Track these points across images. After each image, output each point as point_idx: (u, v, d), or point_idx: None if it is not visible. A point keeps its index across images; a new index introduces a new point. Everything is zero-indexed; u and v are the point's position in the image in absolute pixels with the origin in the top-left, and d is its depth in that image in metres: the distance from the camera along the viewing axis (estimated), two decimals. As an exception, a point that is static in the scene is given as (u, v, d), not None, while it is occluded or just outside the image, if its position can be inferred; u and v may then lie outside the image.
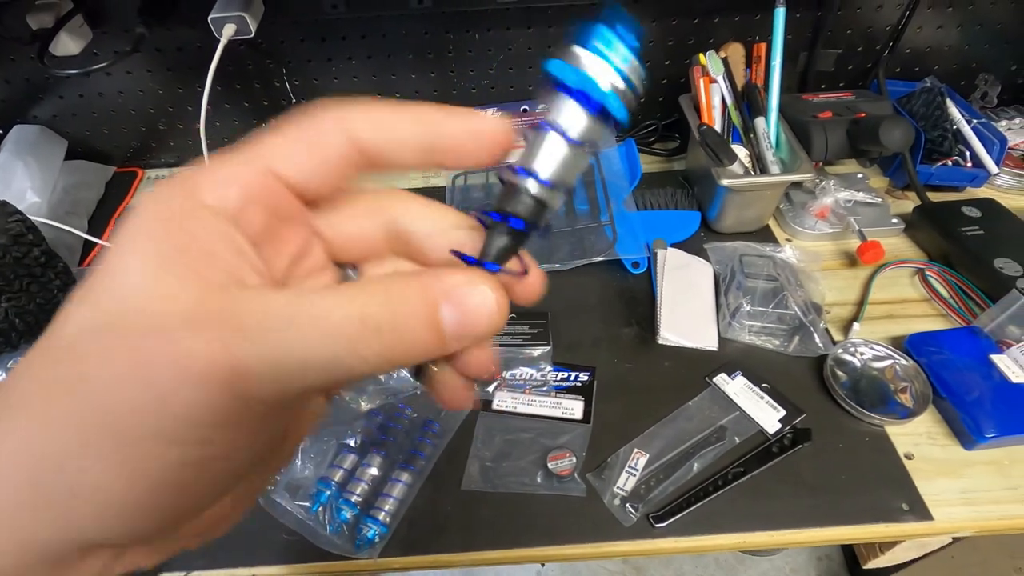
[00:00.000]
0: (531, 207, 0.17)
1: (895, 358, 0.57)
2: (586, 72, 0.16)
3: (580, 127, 0.17)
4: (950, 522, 0.48)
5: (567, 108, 0.17)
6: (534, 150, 0.17)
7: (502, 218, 0.17)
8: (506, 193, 0.18)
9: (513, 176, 0.17)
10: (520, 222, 0.17)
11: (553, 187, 0.17)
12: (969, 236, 0.64)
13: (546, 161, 0.17)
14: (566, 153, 0.17)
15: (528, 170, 0.17)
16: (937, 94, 0.74)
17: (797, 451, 0.52)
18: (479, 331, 0.16)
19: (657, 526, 0.48)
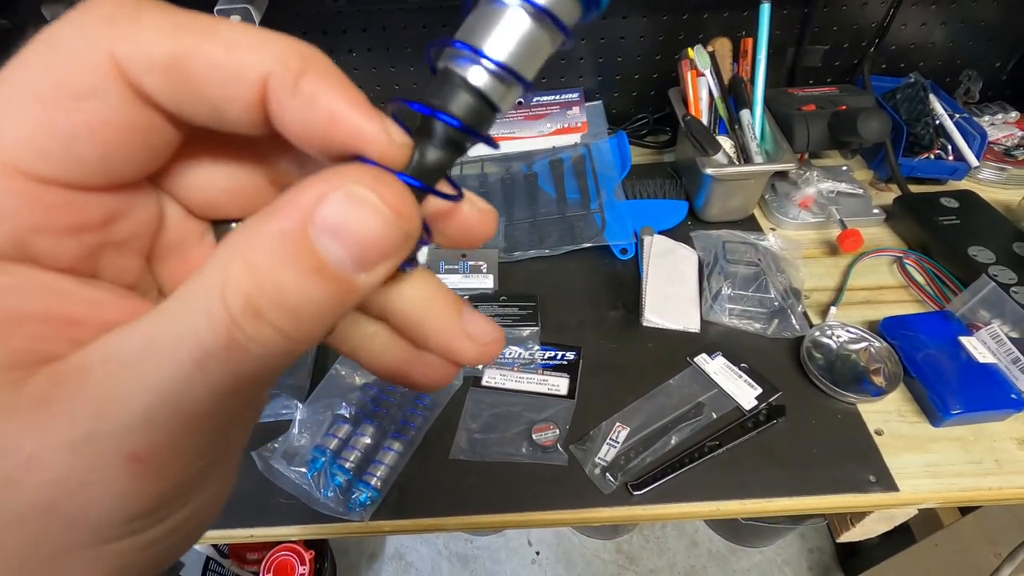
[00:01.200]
0: (471, 103, 0.13)
1: (869, 340, 0.59)
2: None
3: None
4: (915, 494, 0.50)
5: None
6: (482, 23, 0.13)
7: (430, 112, 0.13)
8: (440, 81, 0.13)
9: (451, 56, 0.13)
10: (454, 120, 0.13)
11: (505, 74, 0.13)
12: (946, 225, 0.67)
13: (499, 37, 0.13)
14: (528, 27, 0.13)
15: (473, 47, 0.13)
16: (920, 89, 0.76)
17: (771, 426, 0.54)
18: (380, 242, 0.11)
19: (635, 494, 0.50)
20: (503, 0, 0.13)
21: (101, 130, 0.11)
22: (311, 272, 0.11)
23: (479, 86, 0.13)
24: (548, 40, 0.13)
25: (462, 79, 0.13)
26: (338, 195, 0.11)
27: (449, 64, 0.13)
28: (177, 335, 0.11)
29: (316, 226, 0.11)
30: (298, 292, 0.11)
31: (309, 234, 0.11)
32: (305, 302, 0.11)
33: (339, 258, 0.11)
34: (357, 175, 0.11)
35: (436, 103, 0.13)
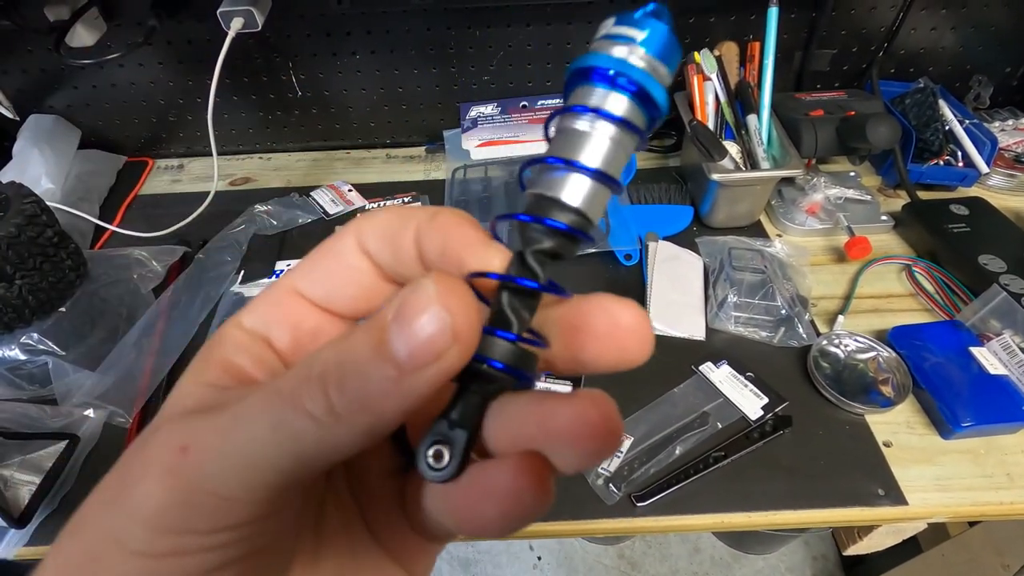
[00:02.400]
0: (576, 209, 0.14)
1: (878, 350, 0.58)
2: (613, 55, 0.14)
3: (622, 106, 0.14)
4: (924, 507, 0.49)
5: (598, 93, 0.14)
6: (570, 138, 0.14)
7: (533, 219, 0.14)
8: (537, 197, 0.14)
9: (545, 170, 0.14)
10: (559, 223, 0.14)
11: (603, 179, 0.14)
12: (955, 233, 0.66)
13: (591, 148, 0.14)
14: (613, 134, 0.14)
15: (567, 159, 0.14)
16: (930, 94, 0.75)
17: (778, 437, 0.53)
18: (431, 343, 0.12)
19: (638, 505, 0.50)
20: (582, 112, 0.14)
21: (354, 278, 0.16)
22: (373, 349, 0.12)
23: (584, 190, 0.14)
24: (630, 143, 0.14)
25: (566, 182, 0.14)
26: (423, 284, 0.12)
27: (545, 173, 0.14)
28: (264, 400, 0.13)
29: (397, 315, 0.12)
30: (359, 365, 0.12)
31: (388, 324, 0.12)
32: (357, 379, 0.12)
33: (397, 344, 0.12)
34: (435, 275, 0.13)
35: (543, 213, 0.14)
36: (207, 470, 0.13)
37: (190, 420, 0.13)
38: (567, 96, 0.15)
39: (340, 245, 0.16)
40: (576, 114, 0.14)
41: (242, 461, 0.13)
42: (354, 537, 0.17)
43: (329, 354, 0.13)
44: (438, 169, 0.86)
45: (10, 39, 0.76)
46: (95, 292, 0.61)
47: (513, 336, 0.14)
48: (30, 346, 0.56)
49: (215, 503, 0.13)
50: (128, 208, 0.83)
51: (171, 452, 0.13)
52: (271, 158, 0.91)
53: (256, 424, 0.13)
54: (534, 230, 0.14)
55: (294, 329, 0.16)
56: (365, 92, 0.85)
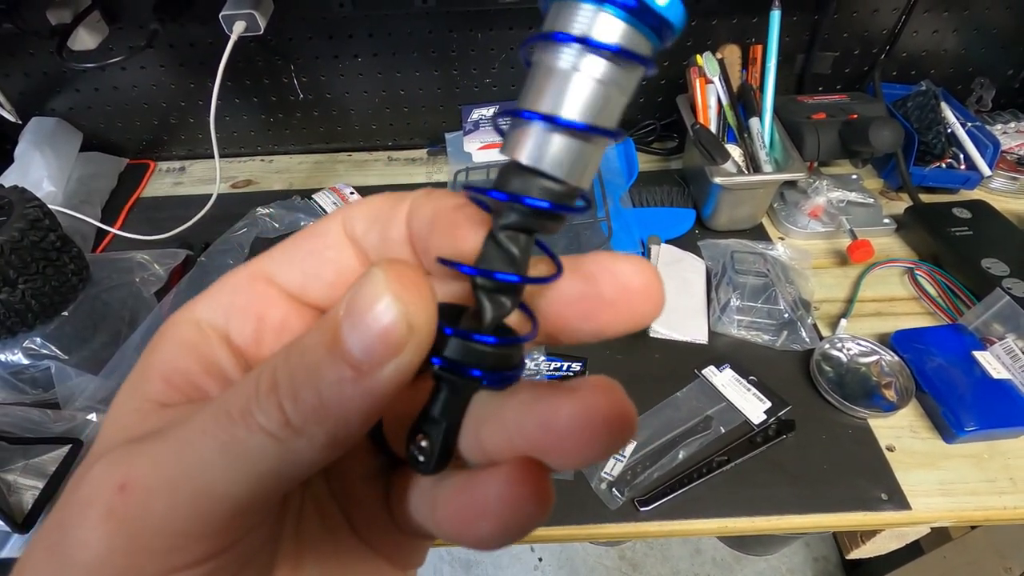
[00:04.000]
0: (557, 179, 0.11)
1: (881, 354, 0.58)
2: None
3: (616, 31, 0.11)
4: (928, 512, 0.49)
5: (584, 11, 0.11)
6: (549, 81, 0.11)
7: (509, 197, 0.12)
8: (512, 164, 0.12)
9: (518, 125, 0.12)
10: (538, 201, 0.11)
11: (593, 133, 0.11)
12: (958, 236, 0.66)
13: (575, 95, 0.11)
14: (605, 73, 0.11)
15: (544, 114, 0.11)
16: (932, 97, 0.75)
17: (781, 441, 0.53)
18: (387, 336, 0.11)
19: (642, 510, 0.50)
20: (563, 40, 0.11)
21: (334, 265, 0.15)
22: (326, 350, 0.11)
23: (557, 151, 0.11)
24: (630, 77, 0.11)
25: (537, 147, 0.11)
26: (373, 273, 0.11)
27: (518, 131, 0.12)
28: (212, 415, 0.12)
29: (348, 310, 0.11)
30: (312, 369, 0.11)
31: (340, 321, 0.11)
32: (312, 385, 0.11)
33: (350, 341, 0.11)
34: (384, 263, 0.11)
35: (517, 188, 0.12)
36: (152, 508, 0.11)
37: (129, 451, 0.12)
38: (547, 11, 0.12)
39: (324, 227, 0.15)
40: (556, 44, 0.11)
41: (191, 493, 0.11)
42: (338, 538, 0.16)
43: (279, 360, 0.12)
44: (440, 171, 0.86)
45: (12, 42, 0.76)
46: (97, 296, 0.61)
47: (484, 338, 0.12)
48: (33, 350, 0.56)
49: (166, 544, 0.11)
50: (130, 211, 0.83)
51: (109, 491, 0.11)
52: (272, 160, 0.91)
53: (203, 449, 0.11)
54: (508, 207, 0.12)
55: (258, 321, 0.14)
56: (367, 94, 0.85)
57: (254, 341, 0.14)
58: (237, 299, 0.14)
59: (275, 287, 0.15)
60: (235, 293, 0.15)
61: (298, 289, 0.15)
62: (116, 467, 0.12)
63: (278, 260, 0.15)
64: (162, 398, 0.13)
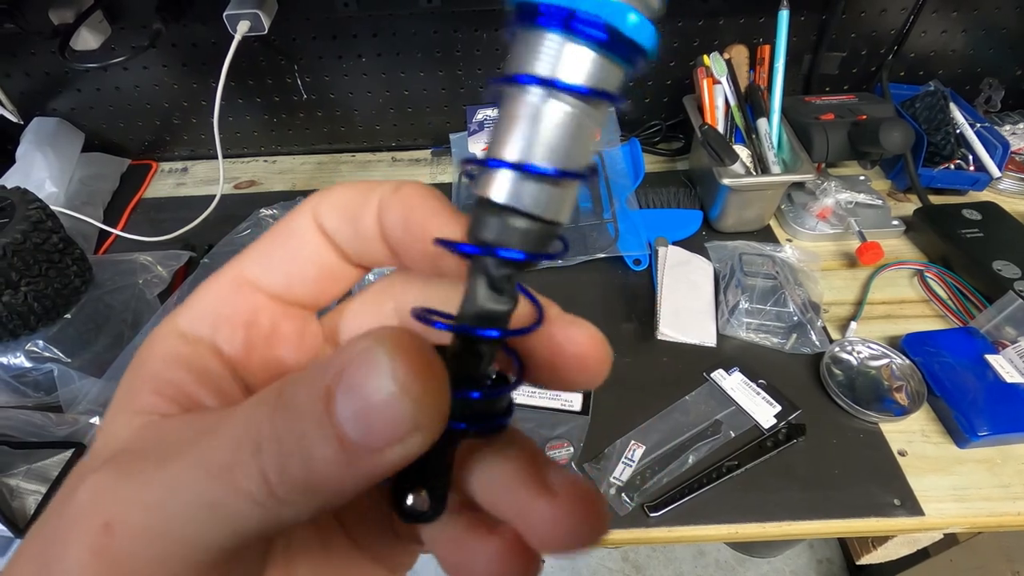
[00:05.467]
0: (519, 226, 0.11)
1: (891, 357, 0.58)
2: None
3: (584, 68, 0.10)
4: (941, 518, 0.48)
5: (549, 47, 0.10)
6: (515, 123, 0.11)
7: (482, 251, 0.11)
8: (479, 208, 0.12)
9: (485, 170, 0.11)
10: (509, 251, 0.11)
11: (560, 177, 0.11)
12: (968, 238, 0.65)
13: (543, 138, 0.11)
14: (573, 113, 0.10)
15: (508, 161, 0.11)
16: (940, 98, 0.74)
17: (791, 446, 0.53)
18: (387, 426, 0.10)
19: (652, 515, 0.49)
20: (528, 83, 0.10)
21: (311, 258, 0.14)
22: (315, 422, 0.10)
23: (521, 204, 0.11)
24: (596, 115, 0.11)
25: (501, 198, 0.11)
26: (375, 351, 0.10)
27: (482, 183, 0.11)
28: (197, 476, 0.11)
29: (343, 381, 0.10)
30: (300, 439, 0.10)
31: (333, 390, 0.10)
32: (299, 459, 0.10)
33: (344, 420, 0.10)
34: (383, 334, 0.10)
35: (484, 237, 0.11)
36: (135, 553, 0.11)
37: (117, 483, 0.11)
38: (513, 41, 0.11)
39: (295, 224, 0.14)
40: (521, 87, 0.10)
41: (176, 542, 0.11)
42: (329, 538, 0.16)
43: (264, 417, 0.11)
44: (444, 172, 0.86)
45: (13, 42, 0.76)
46: (100, 298, 0.61)
47: (474, 394, 0.12)
48: (35, 353, 0.56)
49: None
50: (132, 212, 0.82)
51: (94, 530, 0.11)
52: (275, 161, 0.90)
53: (187, 501, 0.11)
54: (486, 260, 0.12)
55: (247, 329, 0.14)
56: (371, 95, 0.84)
57: (244, 350, 0.14)
58: (222, 309, 0.14)
59: (260, 292, 0.14)
60: (219, 302, 0.14)
61: (283, 291, 0.14)
62: (102, 500, 0.11)
63: (258, 263, 0.14)
64: (154, 408, 0.13)
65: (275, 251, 0.14)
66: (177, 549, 0.11)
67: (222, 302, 0.14)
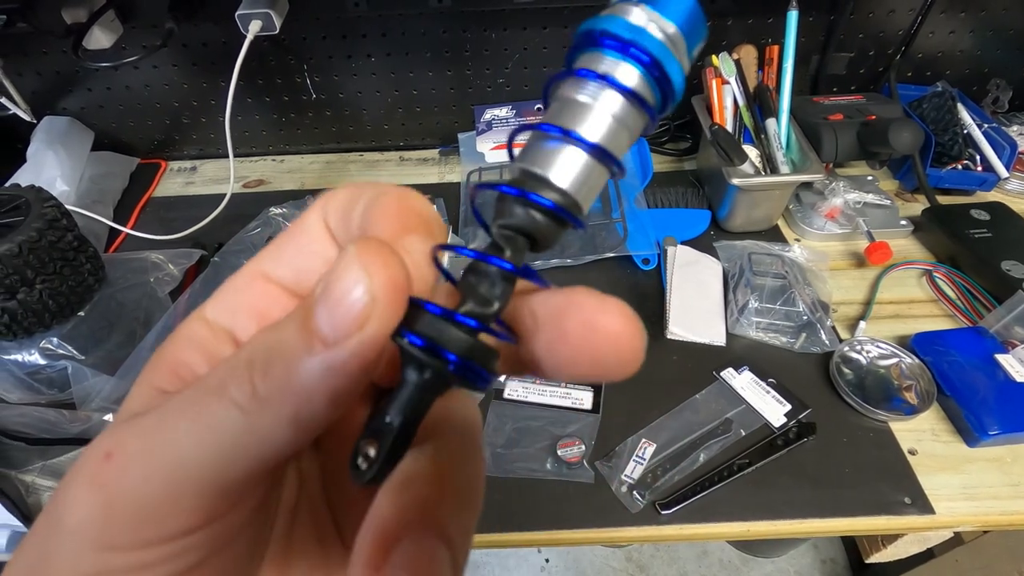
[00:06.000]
0: (562, 190, 0.13)
1: (900, 356, 0.58)
2: (630, 19, 0.12)
3: (633, 78, 0.12)
4: (951, 516, 0.49)
5: (608, 61, 0.13)
6: (569, 106, 0.13)
7: (517, 192, 0.13)
8: (524, 172, 0.13)
9: (537, 138, 0.13)
10: (542, 199, 0.13)
11: (601, 156, 0.13)
12: (977, 238, 0.65)
13: (592, 119, 0.13)
14: (619, 108, 0.13)
15: (564, 128, 0.13)
16: (948, 98, 0.75)
17: (802, 444, 0.53)
18: (351, 309, 0.11)
19: (663, 513, 0.49)
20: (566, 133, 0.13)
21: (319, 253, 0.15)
22: (298, 327, 0.12)
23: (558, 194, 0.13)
24: (625, 137, 0.13)
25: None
26: (349, 253, 0.12)
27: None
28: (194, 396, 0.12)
29: (323, 292, 0.12)
30: (283, 345, 0.12)
31: (314, 305, 0.12)
32: (282, 360, 0.12)
33: (320, 318, 0.12)
34: (359, 240, 0.12)
35: (526, 187, 0.13)
36: (129, 475, 0.12)
37: (121, 424, 0.13)
38: (571, 60, 0.13)
39: (306, 221, 0.15)
40: (580, 79, 0.13)
41: (166, 464, 0.12)
42: (328, 546, 0.16)
43: (258, 339, 0.12)
44: (452, 172, 0.86)
45: (25, 41, 0.76)
46: (113, 296, 0.61)
47: (464, 319, 0.12)
48: (49, 351, 0.56)
49: (139, 514, 0.11)
50: (142, 211, 0.83)
51: (96, 460, 0.12)
52: (284, 160, 0.91)
53: (178, 421, 0.12)
54: (512, 204, 0.13)
55: (260, 318, 0.15)
56: (379, 94, 0.84)
57: None
58: (240, 299, 0.15)
59: (273, 284, 0.15)
60: (237, 293, 0.15)
61: (293, 284, 0.15)
62: (107, 437, 0.12)
63: (272, 258, 0.15)
64: (167, 385, 0.14)
65: (287, 246, 0.15)
66: (166, 471, 0.12)
67: (240, 293, 0.15)
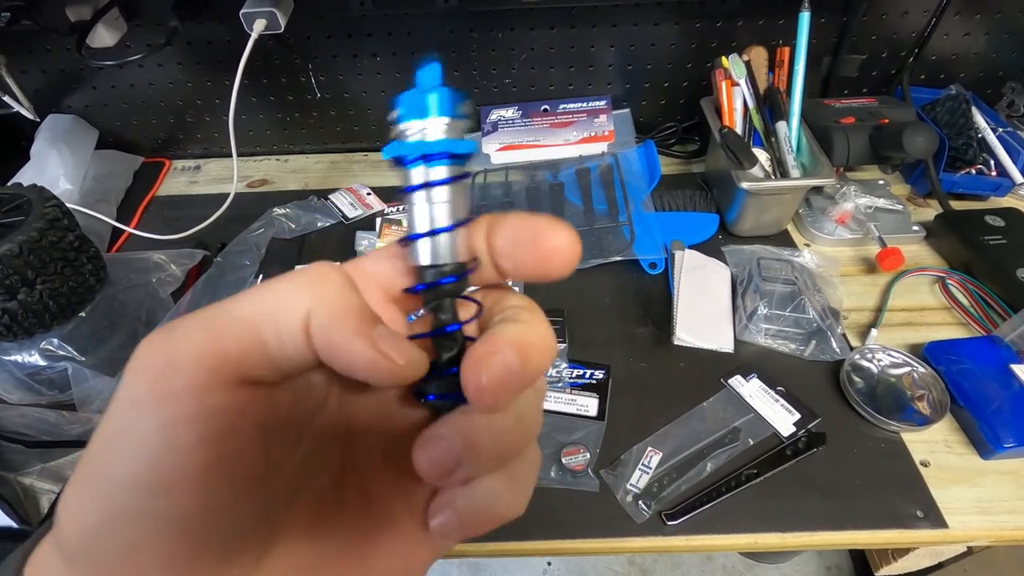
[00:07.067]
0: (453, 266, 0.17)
1: (913, 365, 0.57)
2: (403, 139, 0.17)
3: (442, 172, 0.17)
4: (965, 530, 0.47)
5: (415, 173, 0.17)
6: (421, 212, 0.17)
7: (427, 287, 0.17)
8: (420, 270, 0.18)
9: (410, 244, 0.18)
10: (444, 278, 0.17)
11: (460, 224, 0.17)
12: (991, 245, 0.64)
13: (414, 219, 0.17)
14: (418, 201, 0.17)
15: (427, 231, 0.17)
16: (962, 102, 0.73)
17: (811, 455, 0.52)
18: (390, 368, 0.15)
19: (669, 524, 0.48)
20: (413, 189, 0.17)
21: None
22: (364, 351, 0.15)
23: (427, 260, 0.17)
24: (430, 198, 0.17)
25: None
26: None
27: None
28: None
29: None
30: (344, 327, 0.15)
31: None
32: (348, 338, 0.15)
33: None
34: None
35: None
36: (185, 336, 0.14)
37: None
38: (401, 165, 0.17)
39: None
40: (411, 193, 0.17)
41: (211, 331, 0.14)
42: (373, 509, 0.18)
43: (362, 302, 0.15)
44: (457, 173, 0.85)
45: (30, 39, 0.76)
46: (114, 296, 0.60)
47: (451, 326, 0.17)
48: (50, 351, 0.56)
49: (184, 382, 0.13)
50: (145, 210, 0.82)
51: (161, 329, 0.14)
52: (288, 160, 0.90)
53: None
54: (424, 294, 0.17)
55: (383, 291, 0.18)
56: (384, 94, 0.84)
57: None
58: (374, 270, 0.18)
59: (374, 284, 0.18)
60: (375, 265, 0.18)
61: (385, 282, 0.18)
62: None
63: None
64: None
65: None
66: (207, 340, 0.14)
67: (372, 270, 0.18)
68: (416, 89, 0.16)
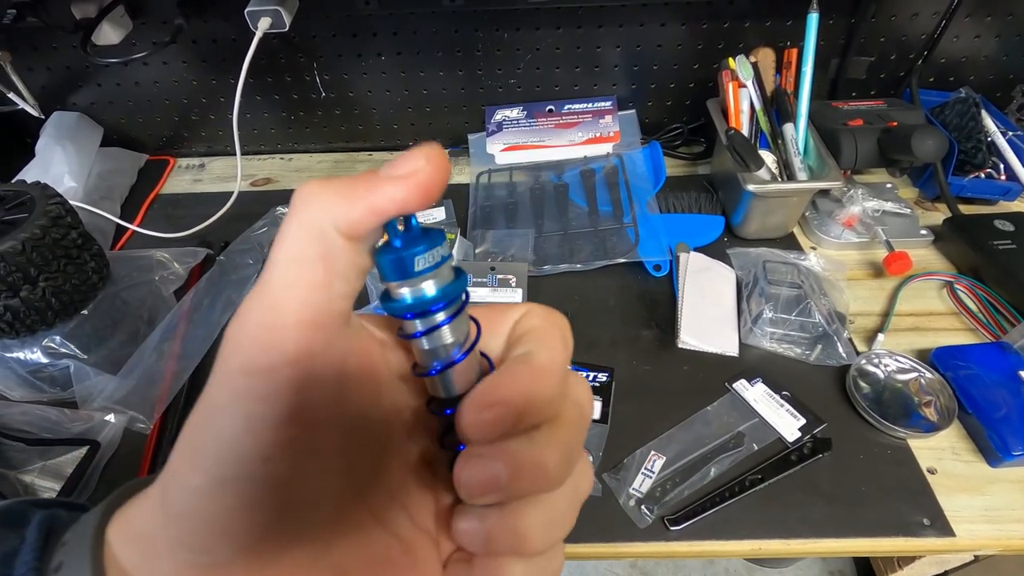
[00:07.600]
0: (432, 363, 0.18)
1: (920, 371, 0.56)
2: (400, 298, 0.17)
3: (441, 315, 0.17)
4: (972, 539, 0.47)
5: (417, 323, 0.17)
6: (432, 349, 0.18)
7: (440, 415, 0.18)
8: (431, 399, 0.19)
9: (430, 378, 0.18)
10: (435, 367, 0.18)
11: (469, 350, 0.18)
12: (1001, 250, 0.63)
13: (445, 345, 0.17)
14: (451, 329, 0.17)
15: (439, 364, 0.18)
16: (972, 105, 0.73)
17: (816, 461, 0.51)
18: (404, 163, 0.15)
19: (672, 529, 0.48)
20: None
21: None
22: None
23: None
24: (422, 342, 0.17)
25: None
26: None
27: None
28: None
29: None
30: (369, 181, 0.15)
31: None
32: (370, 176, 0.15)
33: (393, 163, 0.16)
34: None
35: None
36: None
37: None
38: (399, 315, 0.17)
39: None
40: (418, 339, 0.17)
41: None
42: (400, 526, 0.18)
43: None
44: (461, 173, 0.85)
45: (35, 36, 0.76)
46: (117, 294, 0.60)
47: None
48: (52, 349, 0.56)
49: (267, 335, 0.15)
50: (149, 208, 0.82)
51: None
52: (292, 159, 0.90)
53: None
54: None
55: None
56: (389, 94, 0.83)
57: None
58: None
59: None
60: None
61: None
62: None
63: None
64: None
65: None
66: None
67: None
68: (393, 249, 0.16)
